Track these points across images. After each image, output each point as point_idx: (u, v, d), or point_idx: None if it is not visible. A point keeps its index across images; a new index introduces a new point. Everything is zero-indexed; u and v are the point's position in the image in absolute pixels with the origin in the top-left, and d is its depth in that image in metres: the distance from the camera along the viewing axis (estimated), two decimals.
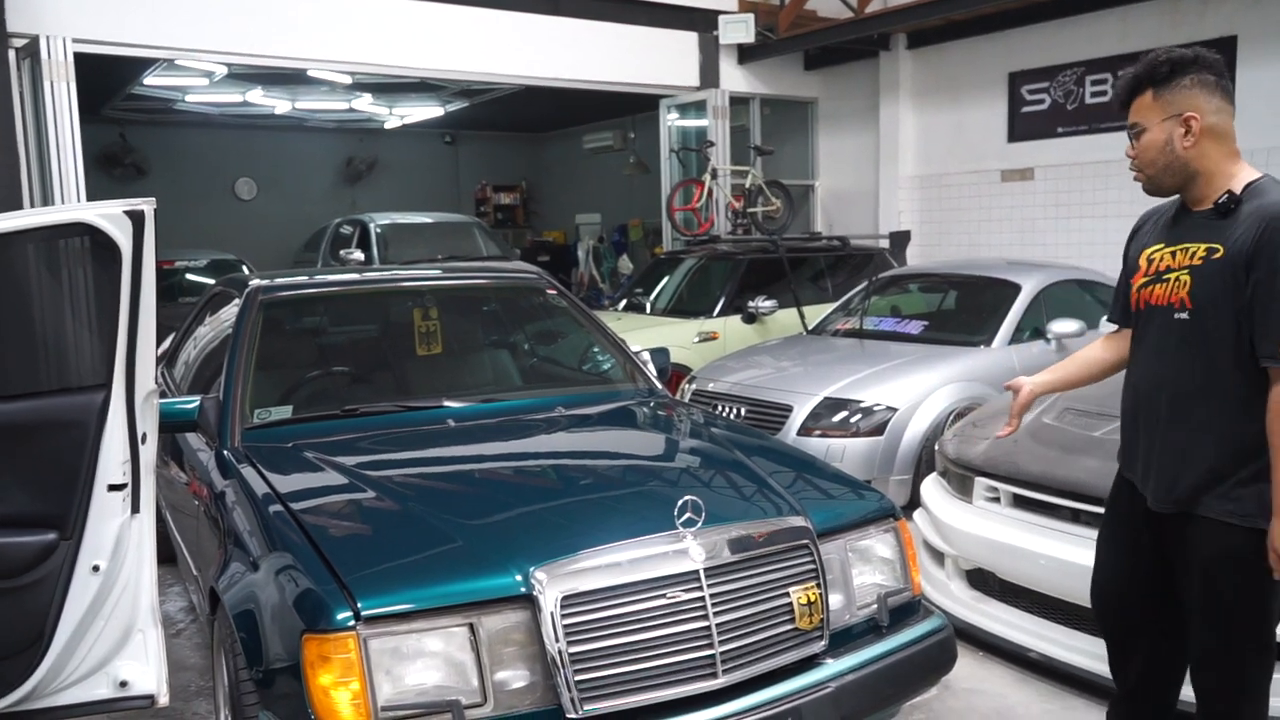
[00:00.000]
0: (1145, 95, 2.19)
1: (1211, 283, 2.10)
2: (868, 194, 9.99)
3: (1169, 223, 2.30)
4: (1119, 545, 2.44)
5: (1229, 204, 2.12)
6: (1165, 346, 2.21)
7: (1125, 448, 2.41)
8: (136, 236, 2.38)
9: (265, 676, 2.24)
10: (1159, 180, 2.21)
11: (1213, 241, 2.13)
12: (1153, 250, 2.27)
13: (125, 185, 13.24)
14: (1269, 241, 2.02)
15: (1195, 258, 2.15)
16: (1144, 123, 2.19)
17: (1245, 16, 7.08)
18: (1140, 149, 2.21)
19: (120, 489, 2.50)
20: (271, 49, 7.61)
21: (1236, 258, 2.07)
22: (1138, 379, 2.32)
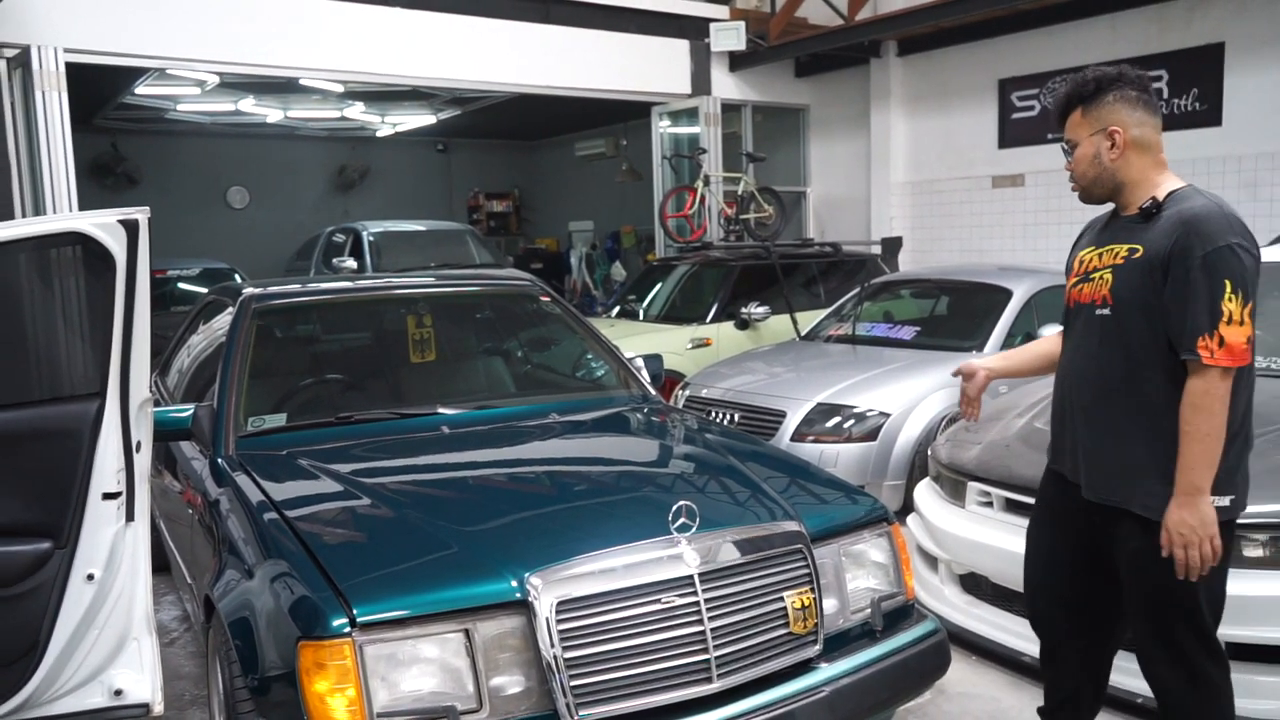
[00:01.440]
0: (1075, 113, 2.34)
1: (1130, 280, 2.24)
2: (860, 200, 10.03)
3: (1102, 228, 2.46)
4: (1051, 539, 2.56)
5: (1151, 209, 2.27)
6: (1089, 342, 2.35)
7: (1054, 440, 2.53)
8: (131, 245, 2.38)
9: (260, 684, 2.24)
10: (1090, 190, 2.37)
11: (1134, 242, 2.27)
12: (1085, 253, 2.43)
13: (117, 195, 13.22)
14: (1184, 243, 2.15)
15: (1118, 257, 2.29)
16: (1075, 138, 2.35)
17: (1232, 23, 7.13)
18: (1074, 163, 2.37)
19: (115, 497, 2.50)
20: (263, 58, 7.61)
21: (1154, 258, 2.20)
22: (1064, 373, 2.46)
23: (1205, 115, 7.28)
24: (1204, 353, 2.11)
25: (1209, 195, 2.26)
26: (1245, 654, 2.84)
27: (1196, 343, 2.11)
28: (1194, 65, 7.31)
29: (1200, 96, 7.31)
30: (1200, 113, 7.30)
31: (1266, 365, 3.88)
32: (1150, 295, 2.20)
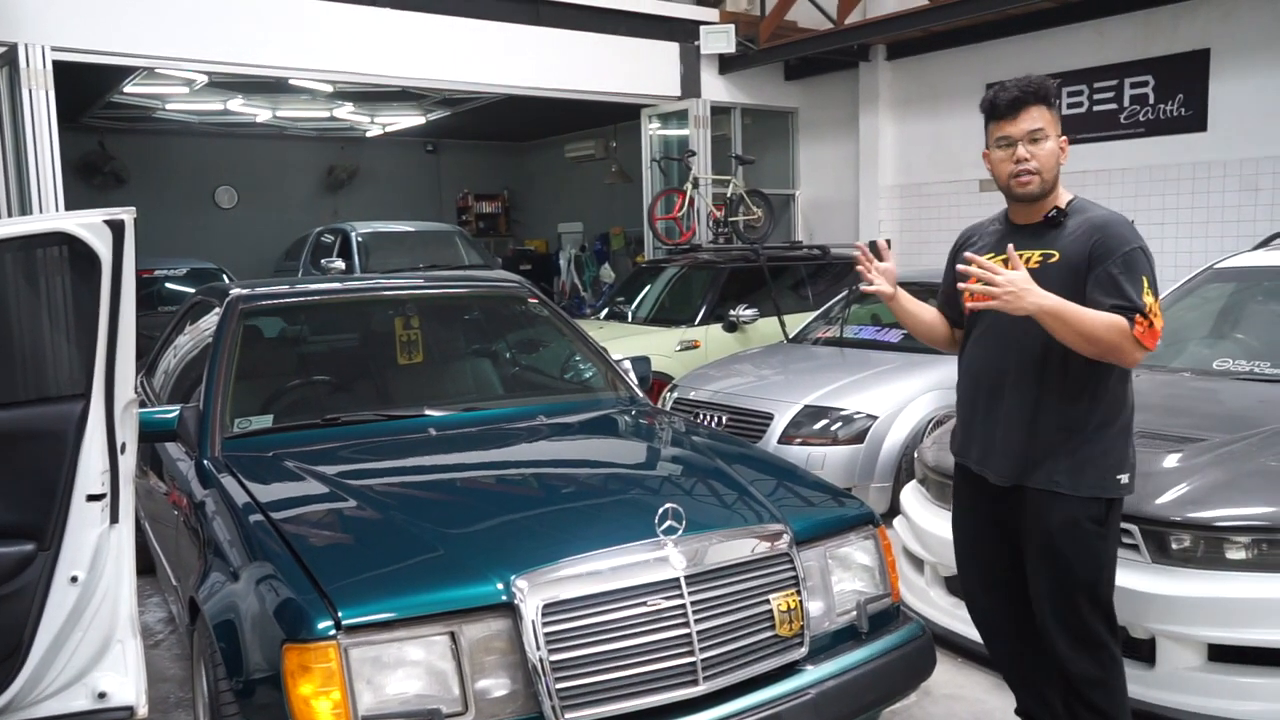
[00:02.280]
0: (1043, 108, 2.45)
1: (1049, 283, 2.35)
2: (848, 203, 10.05)
3: (999, 235, 2.62)
4: (973, 537, 2.74)
5: (1058, 217, 2.47)
6: (1003, 339, 2.51)
7: (963, 431, 2.70)
8: (116, 246, 2.37)
9: (245, 687, 2.24)
10: (1046, 187, 2.48)
11: (1046, 248, 2.47)
12: (988, 259, 2.47)
13: (104, 194, 13.16)
14: (1102, 246, 2.37)
15: (1031, 262, 2.44)
16: (1048, 129, 2.45)
17: (1217, 30, 7.18)
18: (1045, 154, 2.45)
19: (99, 499, 2.49)
20: (252, 57, 7.58)
21: (1074, 260, 2.40)
22: (979, 369, 2.60)
23: (1190, 121, 7.32)
24: (1139, 325, 2.28)
25: (1101, 205, 2.50)
26: (1228, 656, 2.86)
27: (1134, 316, 2.28)
28: (1180, 71, 7.35)
29: (1185, 102, 7.35)
30: (1185, 118, 7.34)
31: (1250, 369, 3.91)
32: (1069, 295, 2.34)
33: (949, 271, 2.72)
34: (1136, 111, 7.64)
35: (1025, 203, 2.52)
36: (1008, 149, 2.48)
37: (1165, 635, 2.90)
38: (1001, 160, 2.51)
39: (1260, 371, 3.87)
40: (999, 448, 2.53)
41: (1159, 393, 3.80)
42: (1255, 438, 3.19)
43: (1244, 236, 6.38)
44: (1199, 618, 2.85)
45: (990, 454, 2.56)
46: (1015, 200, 2.55)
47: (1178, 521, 2.89)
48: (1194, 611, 2.85)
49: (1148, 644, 2.95)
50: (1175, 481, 3.00)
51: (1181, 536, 2.91)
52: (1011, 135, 2.46)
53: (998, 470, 2.54)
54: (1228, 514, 2.87)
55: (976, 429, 2.61)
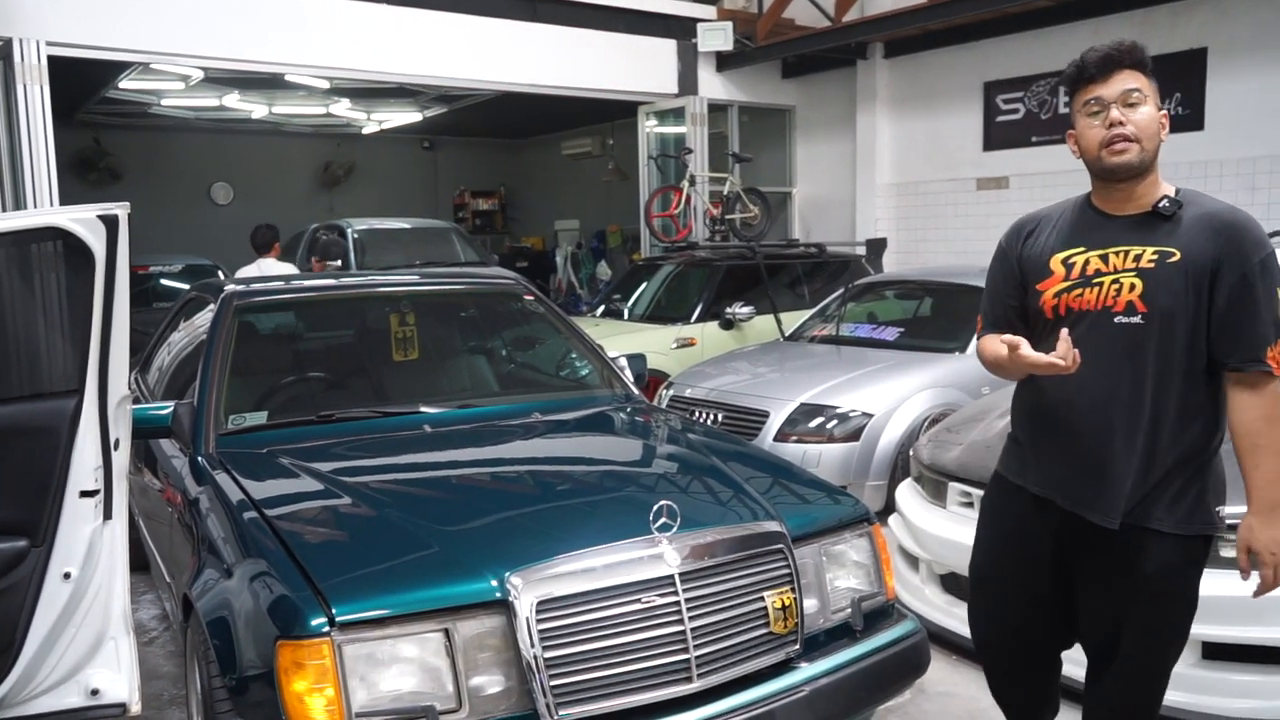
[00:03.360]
0: (1138, 73, 2.09)
1: (1170, 285, 2.04)
2: (845, 201, 10.05)
3: (1076, 226, 2.21)
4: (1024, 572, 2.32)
5: (1173, 207, 2.09)
6: (1106, 353, 2.09)
7: (1045, 463, 2.25)
8: (110, 241, 2.37)
9: (239, 684, 2.23)
10: (1147, 159, 2.09)
11: (1162, 245, 2.07)
12: (1068, 254, 2.17)
13: (99, 190, 13.12)
14: (1236, 248, 2.02)
15: (1144, 260, 2.07)
16: (1146, 93, 2.09)
17: (1215, 28, 7.19)
18: (1144, 120, 2.07)
19: (92, 495, 2.48)
20: (248, 53, 7.57)
21: (1199, 261, 2.03)
22: (1072, 390, 2.14)
23: (1188, 120, 7.33)
24: (1274, 364, 2.00)
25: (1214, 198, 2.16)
26: (1221, 654, 2.87)
27: (1266, 353, 2.00)
28: (1177, 70, 7.36)
29: (1183, 101, 7.36)
30: (1183, 117, 7.34)
31: None
32: (1194, 302, 2.03)
33: (1004, 278, 2.30)
34: None
35: (1119, 181, 2.10)
36: (1098, 114, 2.09)
37: None
38: (1091, 128, 2.10)
39: None
40: (1109, 484, 2.12)
41: None
42: None
43: None
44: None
45: (1098, 491, 2.14)
46: (1106, 176, 2.12)
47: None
48: None
49: None
50: None
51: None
52: (1103, 97, 2.07)
53: (1107, 510, 2.12)
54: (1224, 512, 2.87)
55: (1074, 460, 2.17)
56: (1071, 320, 2.13)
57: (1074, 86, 2.14)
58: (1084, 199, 2.23)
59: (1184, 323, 2.05)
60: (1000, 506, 2.39)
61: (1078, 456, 2.16)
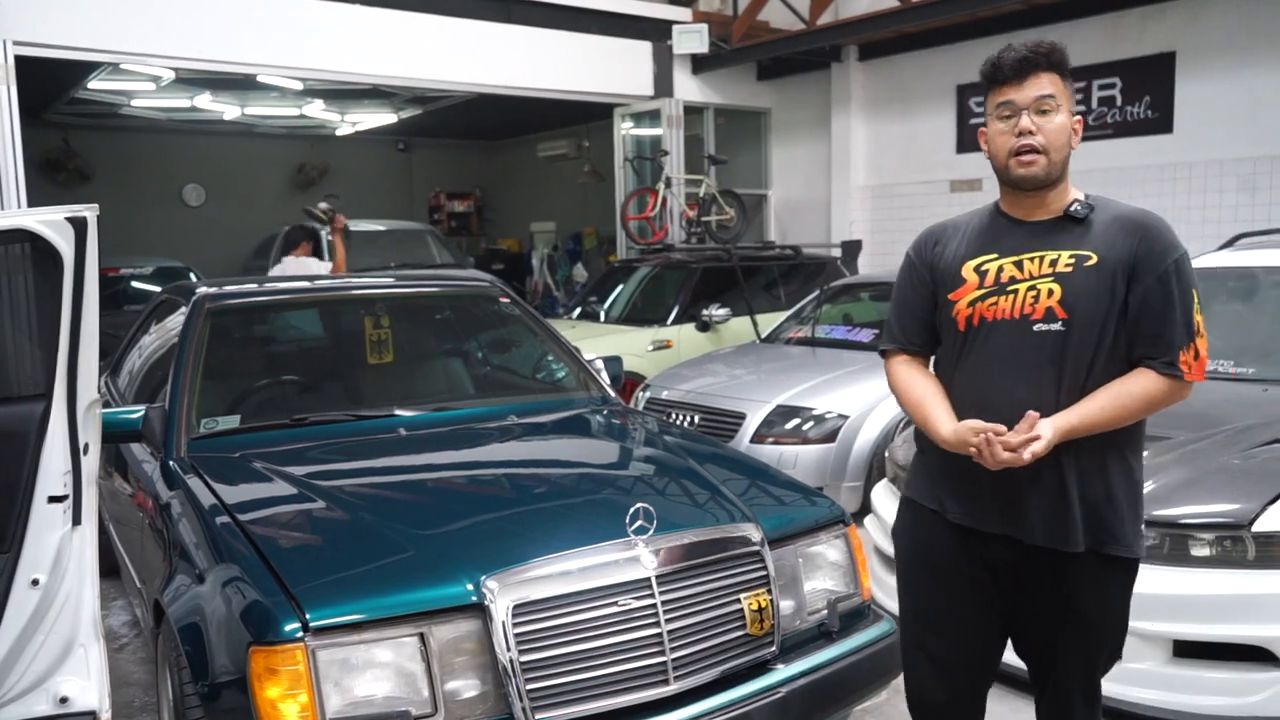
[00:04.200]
0: (1055, 75, 2.01)
1: (1089, 289, 1.97)
2: (820, 203, 10.10)
3: (986, 232, 2.12)
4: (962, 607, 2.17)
5: (1083, 210, 2.03)
6: (1024, 363, 2.00)
7: (964, 485, 2.10)
8: (79, 244, 2.33)
9: (211, 690, 2.21)
10: (1055, 172, 2.01)
11: (1077, 249, 2.00)
12: (983, 261, 2.08)
13: (69, 191, 12.96)
14: (1150, 249, 1.97)
15: (1060, 265, 2.00)
16: (1060, 100, 2.00)
17: (1183, 33, 7.28)
18: (1054, 130, 1.99)
19: (61, 501, 2.44)
20: (219, 54, 7.50)
21: (1115, 265, 1.97)
22: (989, 401, 2.01)
23: (1156, 123, 7.42)
24: (1184, 369, 1.95)
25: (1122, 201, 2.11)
26: (1193, 652, 2.90)
27: (1179, 357, 1.94)
28: (1146, 73, 7.45)
29: (1152, 104, 7.45)
30: (1152, 120, 7.43)
31: (1214, 368, 3.96)
32: (1113, 305, 1.97)
33: (914, 289, 2.19)
34: (1104, 113, 7.73)
35: (1026, 190, 2.04)
36: (1009, 120, 2.01)
37: (1132, 632, 2.91)
38: (1001, 133, 2.03)
39: (1224, 371, 3.92)
40: (1036, 503, 2.01)
41: None
42: (1219, 436, 3.23)
43: (1209, 237, 6.47)
44: (1165, 614, 2.89)
45: (1021, 512, 2.02)
46: (1013, 185, 2.05)
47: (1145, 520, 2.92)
48: (1159, 608, 2.89)
49: None
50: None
51: (1147, 534, 2.94)
52: (1015, 102, 2.00)
53: (1043, 532, 2.01)
54: (1192, 511, 2.91)
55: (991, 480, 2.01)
56: (986, 330, 2.05)
57: (988, 86, 2.07)
58: (994, 206, 2.17)
59: (1105, 327, 1.98)
60: (922, 539, 2.22)
61: (1006, 477, 1.99)
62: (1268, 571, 2.82)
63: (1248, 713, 2.82)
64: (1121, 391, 1.95)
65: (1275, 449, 3.11)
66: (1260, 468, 3.01)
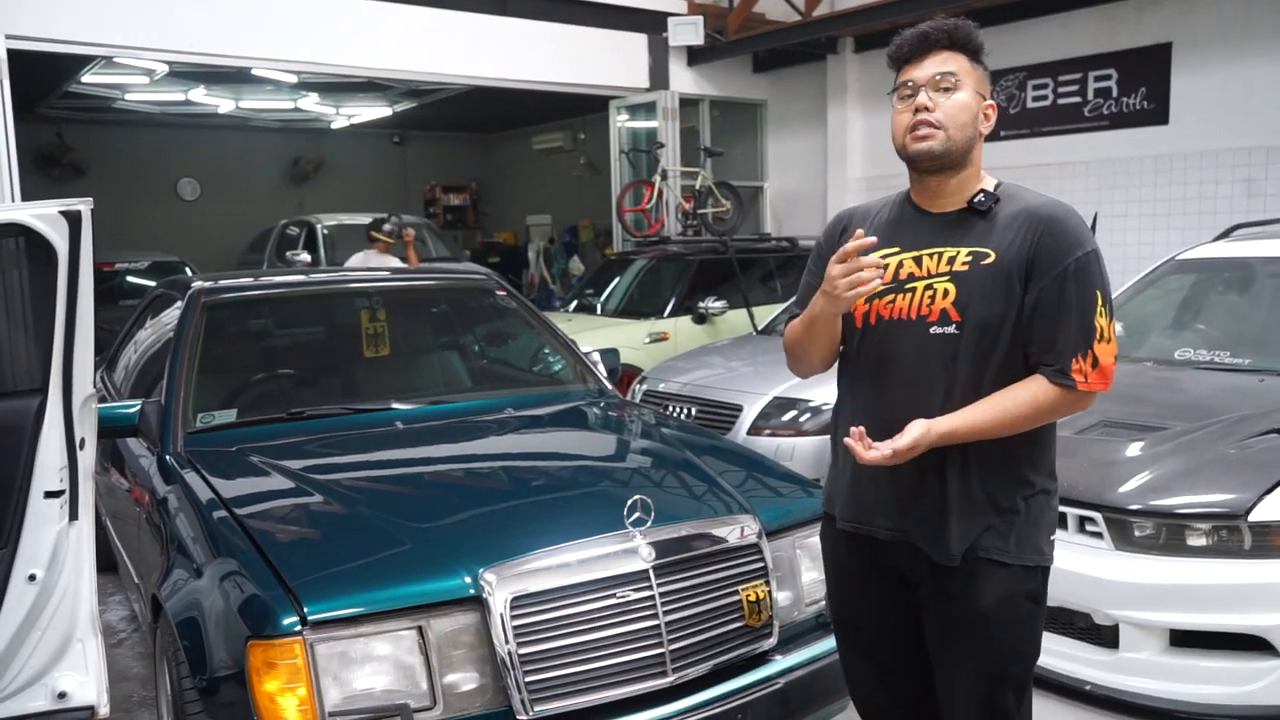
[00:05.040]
0: (960, 56, 1.90)
1: (985, 290, 1.84)
2: (816, 195, 10.09)
3: (892, 224, 1.99)
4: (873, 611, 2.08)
5: (988, 202, 1.88)
6: (918, 367, 1.89)
7: (849, 486, 2.02)
8: (73, 238, 2.33)
9: (209, 685, 2.21)
10: (954, 150, 1.87)
11: (977, 245, 1.87)
12: (884, 255, 1.93)
13: (63, 185, 12.92)
14: (1048, 246, 1.82)
15: (958, 263, 1.87)
16: (962, 78, 1.88)
17: (1179, 24, 7.27)
18: (953, 107, 1.86)
19: (57, 496, 2.45)
20: (214, 47, 7.47)
21: (1012, 263, 1.83)
22: (879, 407, 1.94)
23: (1153, 114, 7.41)
24: (1078, 377, 1.80)
25: (1035, 191, 1.93)
26: (1189, 641, 2.91)
27: (1070, 365, 1.80)
28: (1142, 64, 7.43)
29: (1148, 95, 7.44)
30: (1148, 111, 7.43)
31: (1210, 359, 3.97)
32: (1009, 308, 1.83)
33: (817, 274, 2.00)
34: (1100, 105, 7.72)
35: (927, 173, 1.91)
36: (908, 99, 1.90)
37: (1128, 621, 2.94)
38: (899, 113, 1.91)
39: (1220, 361, 3.93)
40: (928, 513, 1.91)
41: (1121, 382, 3.82)
42: (1215, 426, 3.24)
43: (1205, 228, 6.48)
44: (1161, 603, 2.90)
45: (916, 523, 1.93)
46: (911, 165, 1.93)
47: (1140, 509, 2.94)
48: (1156, 597, 2.90)
49: (1111, 630, 2.99)
50: (1138, 470, 3.04)
51: (1144, 524, 2.95)
52: (915, 80, 1.89)
53: (934, 545, 1.91)
54: (1189, 501, 2.92)
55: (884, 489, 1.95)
56: (884, 330, 1.94)
57: (894, 69, 1.96)
58: (905, 194, 2.03)
59: (1002, 331, 1.84)
60: (829, 546, 2.15)
61: (892, 482, 1.93)
62: (1264, 561, 2.82)
63: (1244, 701, 2.83)
64: (1008, 397, 1.82)
65: (1271, 439, 3.11)
66: (1256, 458, 3.02)
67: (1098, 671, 2.99)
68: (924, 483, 1.91)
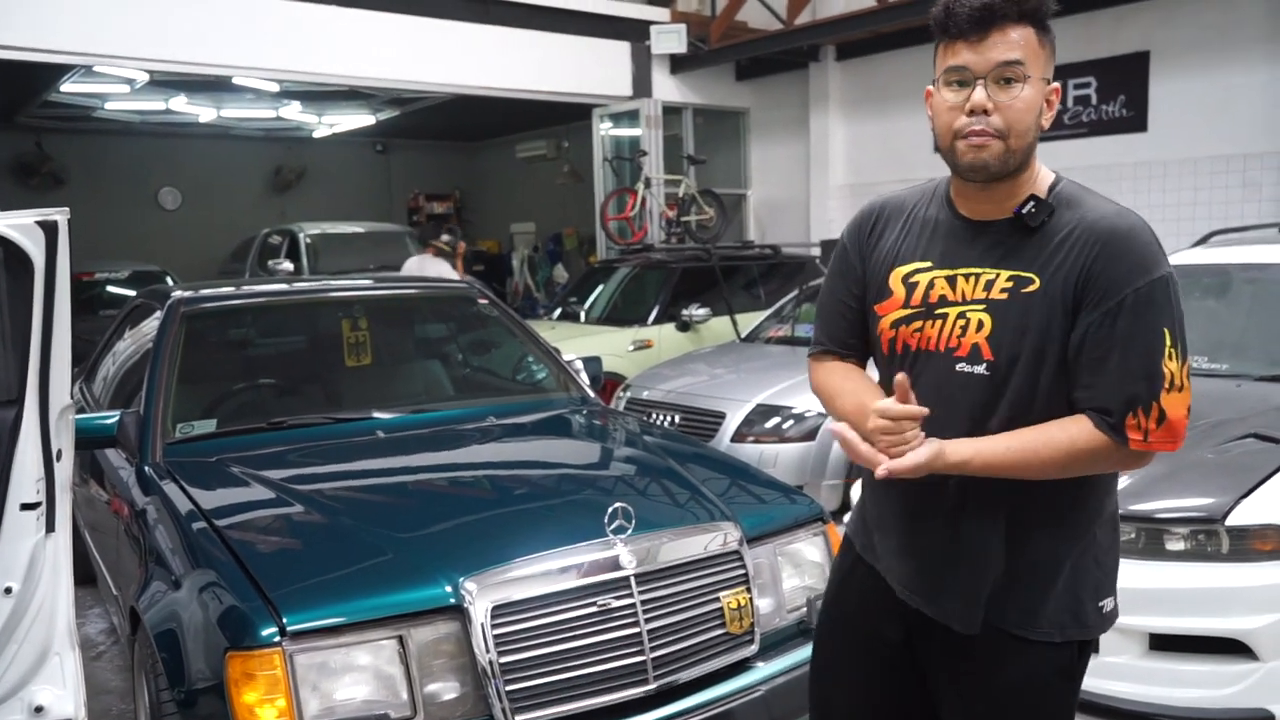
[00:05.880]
0: (1028, 30, 1.49)
1: (1023, 326, 1.51)
2: (799, 203, 10.13)
3: (929, 228, 1.64)
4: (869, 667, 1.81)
5: (1040, 215, 1.52)
6: (946, 409, 1.55)
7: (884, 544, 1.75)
8: (49, 248, 2.31)
9: (188, 697, 2.19)
10: (1012, 161, 1.51)
11: (1020, 268, 1.52)
12: (914, 270, 1.63)
13: (42, 195, 12.84)
14: (1105, 271, 1.46)
15: (996, 290, 1.53)
16: (1030, 65, 1.49)
17: (1157, 32, 7.34)
18: (1019, 108, 1.48)
19: (34, 508, 2.42)
20: (194, 55, 7.44)
21: (1059, 292, 1.49)
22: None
23: (1131, 121, 7.48)
24: (1134, 435, 1.47)
25: (1104, 196, 1.57)
26: (1167, 645, 2.92)
27: (1126, 419, 1.46)
28: (1121, 72, 7.51)
29: (1127, 103, 7.51)
30: (1127, 119, 7.50)
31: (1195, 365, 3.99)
32: (1054, 346, 1.51)
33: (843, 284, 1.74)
34: (1080, 112, 7.79)
35: (976, 182, 1.54)
36: (961, 89, 1.51)
37: None
38: (949, 107, 1.52)
39: (1198, 367, 3.95)
40: (953, 578, 1.64)
41: None
42: (1194, 431, 3.24)
43: (1183, 235, 6.53)
44: (1140, 608, 2.91)
45: (937, 586, 1.66)
46: (960, 175, 1.57)
47: (1120, 514, 2.94)
48: (1135, 602, 2.90)
49: None
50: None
51: (1124, 528, 2.96)
52: (970, 67, 1.49)
53: (959, 615, 1.64)
54: (1167, 506, 2.94)
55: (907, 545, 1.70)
56: (910, 361, 1.62)
57: (939, 39, 1.56)
58: (945, 190, 1.66)
59: (1041, 375, 1.52)
60: (844, 580, 1.88)
61: (915, 540, 1.68)
62: (1241, 564, 2.84)
63: (1223, 704, 2.84)
64: (1041, 435, 1.49)
65: (1248, 443, 3.14)
66: (1234, 462, 3.04)
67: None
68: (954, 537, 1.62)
